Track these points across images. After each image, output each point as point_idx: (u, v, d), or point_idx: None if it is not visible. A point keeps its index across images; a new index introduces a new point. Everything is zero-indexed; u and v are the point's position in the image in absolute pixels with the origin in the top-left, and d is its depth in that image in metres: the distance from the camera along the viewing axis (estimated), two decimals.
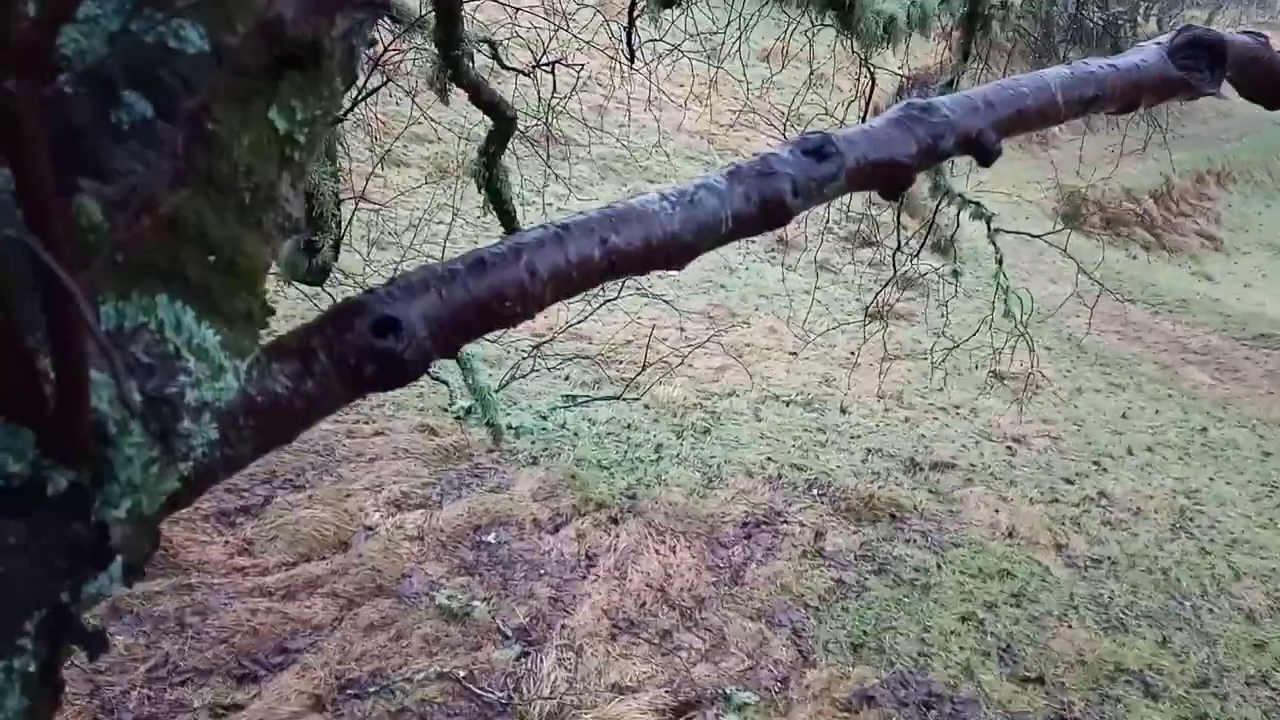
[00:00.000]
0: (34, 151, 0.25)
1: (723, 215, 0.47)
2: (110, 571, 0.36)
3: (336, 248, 1.64)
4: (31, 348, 0.30)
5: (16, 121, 0.24)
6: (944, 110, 0.54)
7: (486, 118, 2.26)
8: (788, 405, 4.96)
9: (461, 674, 2.93)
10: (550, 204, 6.47)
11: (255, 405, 0.38)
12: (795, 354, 5.52)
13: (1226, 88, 0.65)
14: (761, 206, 0.48)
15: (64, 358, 0.29)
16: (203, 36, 0.37)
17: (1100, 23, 9.35)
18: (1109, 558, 3.89)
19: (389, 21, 2.13)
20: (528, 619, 3.20)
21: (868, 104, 2.69)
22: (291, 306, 4.09)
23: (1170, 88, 0.61)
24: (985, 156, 0.55)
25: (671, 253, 0.46)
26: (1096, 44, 9.50)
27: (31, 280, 0.30)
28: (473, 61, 1.47)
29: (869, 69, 2.47)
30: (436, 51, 1.43)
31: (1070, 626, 3.40)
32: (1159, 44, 0.62)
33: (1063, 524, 4.09)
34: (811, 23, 2.36)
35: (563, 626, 3.17)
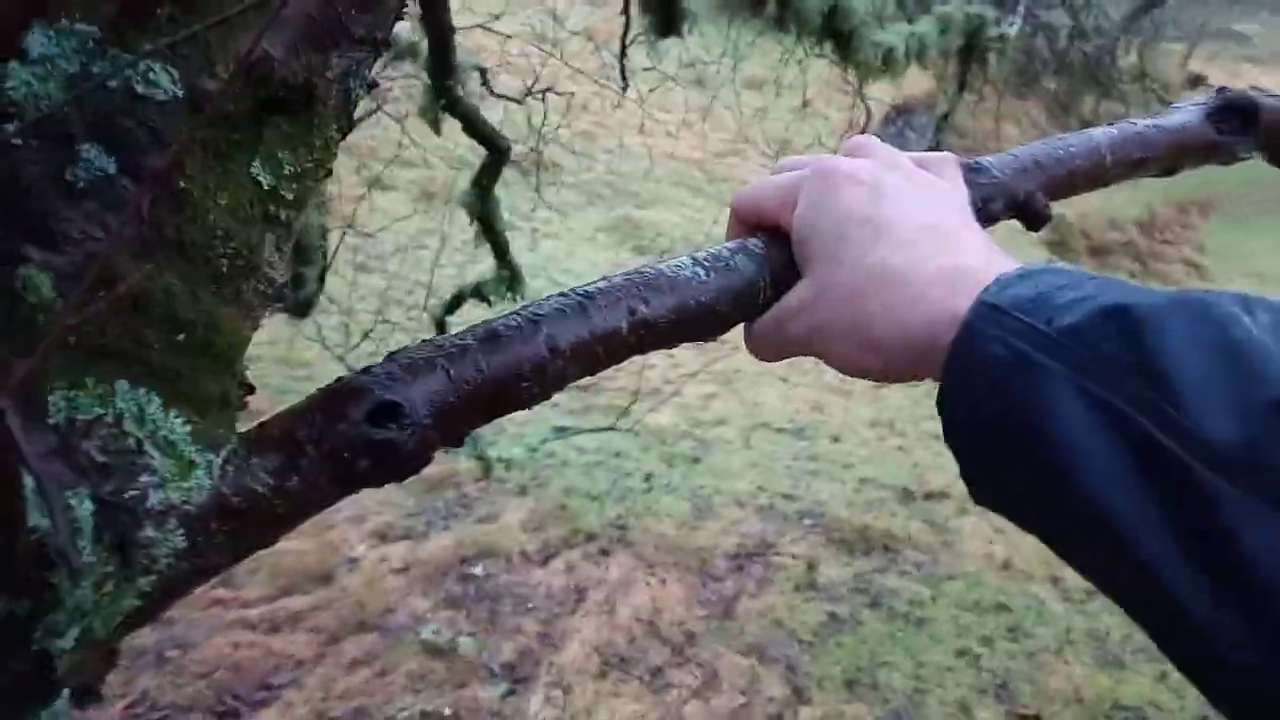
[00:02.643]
0: None
1: (760, 283, 0.42)
2: (55, 708, 0.31)
3: (322, 278, 1.60)
4: None
5: None
6: (994, 171, 0.50)
7: (477, 144, 2.22)
8: (778, 433, 4.91)
9: (447, 712, 2.85)
10: (537, 229, 6.43)
11: (230, 507, 0.33)
12: (785, 380, 5.48)
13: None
14: (798, 276, 0.43)
15: None
16: (175, 80, 0.32)
17: (1084, 53, 9.47)
18: None
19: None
20: (515, 655, 3.12)
21: (863, 133, 2.66)
22: (277, 331, 4.01)
23: (1210, 151, 0.59)
24: (1035, 220, 0.51)
25: (704, 325, 0.41)
26: (1079, 75, 9.61)
27: None
28: (464, 90, 1.43)
29: (863, 100, 2.45)
30: (429, 81, 1.39)
31: (1067, 662, 3.35)
32: (1199, 105, 0.59)
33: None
34: (806, 52, 2.33)
35: (551, 663, 3.09)
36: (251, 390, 0.36)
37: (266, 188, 0.34)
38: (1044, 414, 0.32)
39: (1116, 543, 0.30)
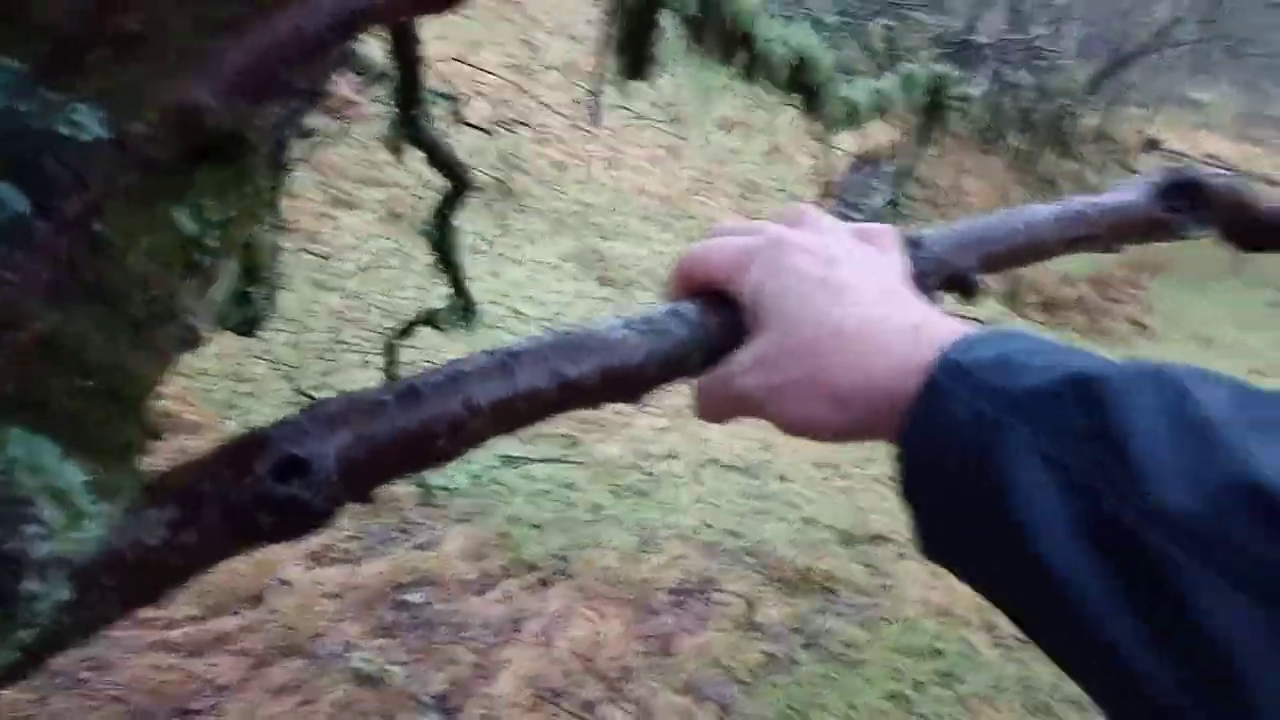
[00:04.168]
0: None
1: (691, 347, 0.43)
2: None
3: (271, 299, 1.57)
4: None
5: None
6: (931, 246, 0.51)
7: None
8: (727, 470, 4.92)
9: None
10: (502, 254, 6.40)
11: (122, 560, 0.32)
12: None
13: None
14: (737, 340, 0.44)
15: None
16: (102, 123, 0.32)
17: (1047, 113, 9.73)
18: None
19: (350, 71, 2.07)
20: (447, 685, 3.06)
21: (828, 182, 2.72)
22: (225, 345, 3.93)
23: (1153, 229, 0.60)
24: (968, 294, 0.52)
25: (631, 387, 0.41)
26: (1041, 134, 9.88)
27: None
28: (430, 120, 1.42)
29: (830, 149, 2.50)
30: (394, 108, 1.39)
31: (997, 709, 3.38)
32: (1145, 183, 0.61)
33: None
34: (775, 100, 2.38)
35: (484, 694, 3.04)
36: (157, 436, 0.36)
37: (190, 235, 0.33)
38: (1003, 476, 0.32)
39: (1068, 606, 0.30)
